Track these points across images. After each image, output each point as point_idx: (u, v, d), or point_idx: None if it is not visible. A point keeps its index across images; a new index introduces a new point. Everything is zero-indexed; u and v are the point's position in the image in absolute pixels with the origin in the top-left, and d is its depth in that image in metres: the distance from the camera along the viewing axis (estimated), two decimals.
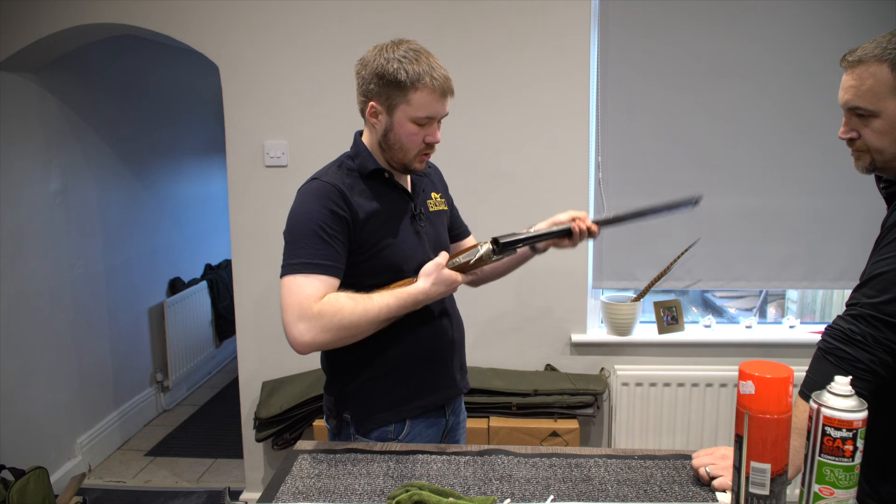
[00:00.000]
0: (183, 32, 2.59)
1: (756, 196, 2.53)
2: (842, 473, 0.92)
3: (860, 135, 1.18)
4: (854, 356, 1.09)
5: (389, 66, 1.34)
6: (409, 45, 1.38)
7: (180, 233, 4.16)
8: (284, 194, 2.66)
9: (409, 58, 1.34)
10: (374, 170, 1.43)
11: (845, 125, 1.21)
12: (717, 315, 2.87)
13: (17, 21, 2.59)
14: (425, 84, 1.34)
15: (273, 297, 2.71)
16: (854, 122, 1.19)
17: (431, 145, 1.42)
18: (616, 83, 2.52)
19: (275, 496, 1.15)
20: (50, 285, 2.99)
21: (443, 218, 1.58)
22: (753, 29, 2.46)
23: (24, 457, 2.66)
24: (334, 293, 1.33)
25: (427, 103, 1.35)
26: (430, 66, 1.35)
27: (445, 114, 1.41)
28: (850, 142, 1.21)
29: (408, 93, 1.34)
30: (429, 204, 1.54)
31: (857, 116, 1.18)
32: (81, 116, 3.18)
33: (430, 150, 1.43)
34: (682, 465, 1.23)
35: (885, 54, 1.12)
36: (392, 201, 1.45)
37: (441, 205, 1.58)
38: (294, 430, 2.52)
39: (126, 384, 3.56)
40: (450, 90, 1.38)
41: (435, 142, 1.42)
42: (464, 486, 1.17)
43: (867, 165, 1.21)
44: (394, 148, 1.41)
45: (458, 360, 1.56)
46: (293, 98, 2.59)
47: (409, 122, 1.37)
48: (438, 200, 1.58)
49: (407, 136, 1.38)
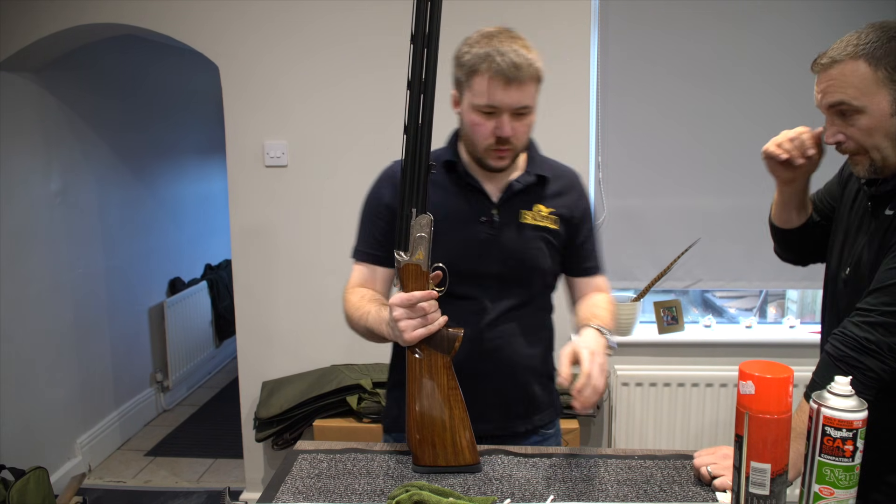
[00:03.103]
0: (182, 32, 2.59)
1: (756, 196, 2.53)
2: (842, 473, 0.91)
3: (846, 137, 1.14)
4: (867, 365, 1.07)
5: (461, 50, 1.28)
6: (498, 29, 1.28)
7: (180, 233, 4.16)
8: (284, 194, 2.67)
9: (481, 41, 1.25)
10: (447, 161, 1.37)
11: (829, 128, 1.16)
12: (717, 315, 2.87)
13: (17, 21, 2.59)
14: (484, 69, 1.23)
15: (273, 297, 2.71)
16: (838, 123, 1.14)
17: (502, 140, 1.27)
18: (616, 80, 2.52)
19: (275, 496, 1.15)
20: (50, 285, 2.99)
21: (538, 233, 1.38)
22: (755, 27, 2.46)
23: (24, 457, 2.66)
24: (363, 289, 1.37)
25: (486, 90, 1.23)
26: (497, 50, 1.22)
27: (516, 105, 1.25)
28: (839, 146, 1.17)
29: (470, 78, 1.25)
30: (523, 213, 1.37)
31: (841, 115, 1.13)
32: (81, 116, 3.18)
33: (501, 145, 1.28)
34: (682, 465, 1.23)
35: (857, 51, 1.09)
36: (459, 197, 1.36)
37: (545, 220, 1.38)
38: (294, 430, 2.52)
39: (126, 384, 3.56)
40: (517, 78, 1.22)
41: (503, 136, 1.27)
42: (464, 486, 1.17)
43: (868, 168, 1.15)
44: (466, 140, 1.34)
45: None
46: (293, 98, 2.59)
47: (473, 110, 1.27)
48: (544, 214, 1.38)
49: (472, 126, 1.29)
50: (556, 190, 1.42)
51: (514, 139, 1.29)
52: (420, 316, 1.17)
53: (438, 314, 1.19)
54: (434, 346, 1.20)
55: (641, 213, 2.59)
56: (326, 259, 2.67)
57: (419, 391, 1.21)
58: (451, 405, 1.21)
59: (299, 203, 2.65)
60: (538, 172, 1.39)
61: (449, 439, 1.21)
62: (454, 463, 1.21)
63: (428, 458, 1.21)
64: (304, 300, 2.70)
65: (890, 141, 1.12)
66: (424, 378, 1.21)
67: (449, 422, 1.21)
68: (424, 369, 1.21)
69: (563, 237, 1.41)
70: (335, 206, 2.64)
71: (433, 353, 1.20)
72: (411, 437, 1.23)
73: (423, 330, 1.17)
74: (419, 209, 1.18)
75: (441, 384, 1.21)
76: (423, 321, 1.17)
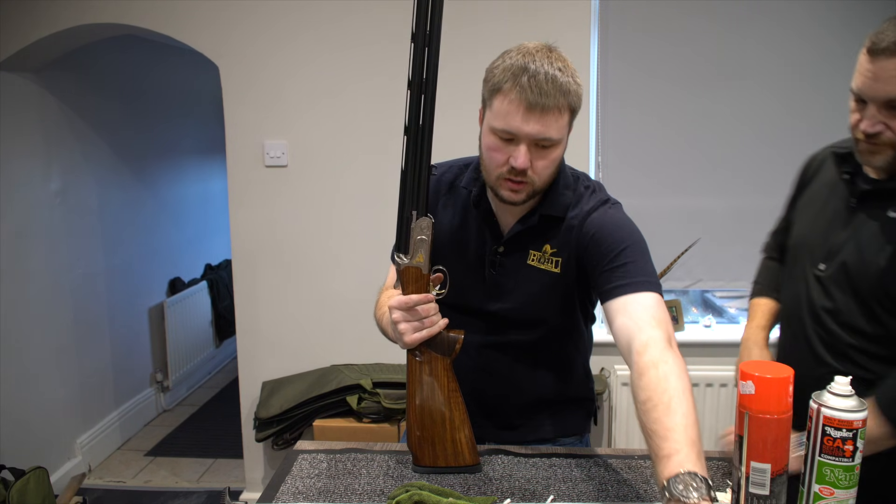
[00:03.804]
0: (183, 32, 2.59)
1: (756, 196, 2.53)
2: (842, 473, 0.91)
3: (886, 127, 1.08)
4: None
5: (492, 63, 1.15)
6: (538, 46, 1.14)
7: (180, 233, 4.16)
8: (284, 194, 2.67)
9: (515, 56, 1.12)
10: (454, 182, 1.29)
11: (872, 118, 1.09)
12: (717, 315, 2.87)
13: (17, 21, 2.59)
14: (507, 88, 1.10)
15: (273, 296, 2.71)
16: (883, 114, 1.08)
17: (515, 171, 1.13)
18: (616, 83, 2.52)
19: (275, 496, 1.15)
20: (50, 285, 2.99)
21: (539, 278, 1.25)
22: (754, 27, 2.46)
23: (24, 457, 2.66)
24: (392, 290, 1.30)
25: (505, 113, 1.10)
26: (527, 68, 1.09)
27: (536, 136, 1.11)
28: (874, 136, 1.10)
29: (493, 96, 1.13)
30: (532, 254, 1.24)
31: (890, 108, 1.07)
32: (81, 116, 3.18)
33: (514, 176, 1.13)
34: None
35: None
36: (468, 225, 1.28)
37: (546, 263, 1.24)
38: (294, 430, 2.52)
39: (126, 384, 3.56)
40: (541, 105, 1.08)
41: (518, 167, 1.12)
42: (464, 486, 1.17)
43: (888, 161, 1.12)
44: (482, 163, 1.20)
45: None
46: (293, 98, 2.59)
47: (490, 133, 1.14)
48: (547, 255, 1.24)
49: (486, 149, 1.16)
50: (567, 228, 1.24)
51: (531, 173, 1.14)
52: (419, 319, 1.16)
53: (438, 317, 1.18)
54: (434, 348, 1.20)
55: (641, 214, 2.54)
56: (327, 259, 2.67)
57: (419, 392, 1.21)
58: (452, 406, 1.21)
59: (299, 203, 2.65)
60: (546, 213, 1.23)
61: (449, 440, 1.21)
62: (454, 463, 1.21)
63: (428, 458, 1.22)
64: (304, 300, 2.70)
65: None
66: (425, 379, 1.20)
67: (449, 423, 1.21)
68: (425, 371, 1.20)
69: (568, 277, 1.25)
70: (335, 205, 2.64)
71: (434, 355, 1.20)
72: (411, 438, 1.23)
73: (422, 333, 1.16)
74: (420, 211, 1.16)
75: (441, 385, 1.20)
76: (422, 324, 1.16)
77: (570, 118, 1.15)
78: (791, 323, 1.33)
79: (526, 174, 1.14)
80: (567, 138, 1.18)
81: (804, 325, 1.27)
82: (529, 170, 1.14)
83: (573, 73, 1.14)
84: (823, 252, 1.24)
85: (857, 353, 1.20)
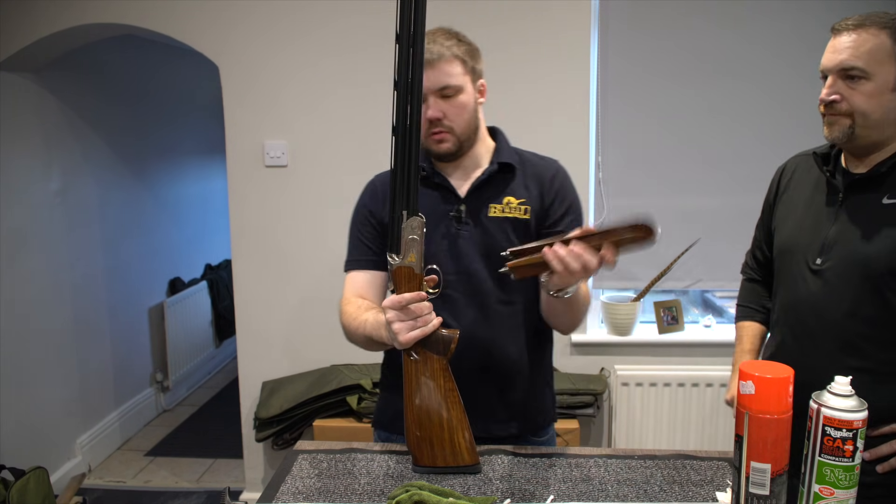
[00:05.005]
0: (183, 32, 2.59)
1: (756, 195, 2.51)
2: (842, 473, 0.91)
3: (842, 98, 1.18)
4: None
5: None
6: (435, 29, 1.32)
7: (180, 233, 4.16)
8: (284, 194, 2.67)
9: None
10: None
11: (829, 87, 1.20)
12: (717, 315, 2.87)
13: (17, 21, 2.59)
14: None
15: (273, 296, 2.71)
16: (840, 85, 1.19)
17: (431, 121, 1.29)
18: (616, 82, 2.52)
19: (275, 496, 1.15)
20: (50, 285, 2.99)
21: (508, 225, 1.34)
22: (754, 26, 2.46)
23: (24, 457, 2.66)
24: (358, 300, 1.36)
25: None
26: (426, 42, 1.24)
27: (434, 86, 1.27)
28: (830, 105, 1.20)
29: None
30: (492, 207, 1.34)
31: (847, 79, 1.18)
32: (81, 116, 3.18)
33: (433, 127, 1.29)
34: (682, 465, 1.23)
35: (888, 23, 1.16)
36: (429, 198, 1.34)
37: (514, 211, 1.34)
38: (294, 430, 2.52)
39: (126, 384, 3.56)
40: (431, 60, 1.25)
41: (431, 117, 1.28)
42: (464, 487, 1.17)
43: (844, 131, 1.19)
44: None
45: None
46: (293, 98, 2.59)
47: None
48: (513, 205, 1.34)
49: None
50: (529, 180, 1.37)
51: (446, 121, 1.29)
52: (412, 318, 1.16)
53: (432, 316, 1.18)
54: (429, 347, 1.20)
55: None
56: (327, 259, 2.66)
57: (417, 393, 1.21)
58: (449, 406, 1.21)
59: (299, 203, 2.65)
60: (502, 160, 1.36)
61: (447, 440, 1.20)
62: (453, 463, 1.21)
63: (427, 458, 1.22)
64: (304, 300, 2.70)
65: (879, 114, 1.17)
66: (421, 380, 1.20)
67: (447, 423, 1.20)
68: (421, 371, 1.20)
69: (534, 227, 1.35)
70: (335, 205, 2.63)
71: (429, 355, 1.20)
72: (410, 438, 1.23)
73: (416, 332, 1.16)
74: (410, 211, 1.17)
75: (438, 385, 1.20)
76: (415, 323, 1.16)
77: (465, 68, 1.30)
78: (790, 323, 1.33)
79: (442, 123, 1.29)
80: (474, 89, 1.33)
81: (806, 323, 1.28)
82: (445, 119, 1.29)
83: (465, 38, 1.33)
84: (817, 247, 1.26)
85: (865, 343, 1.20)
